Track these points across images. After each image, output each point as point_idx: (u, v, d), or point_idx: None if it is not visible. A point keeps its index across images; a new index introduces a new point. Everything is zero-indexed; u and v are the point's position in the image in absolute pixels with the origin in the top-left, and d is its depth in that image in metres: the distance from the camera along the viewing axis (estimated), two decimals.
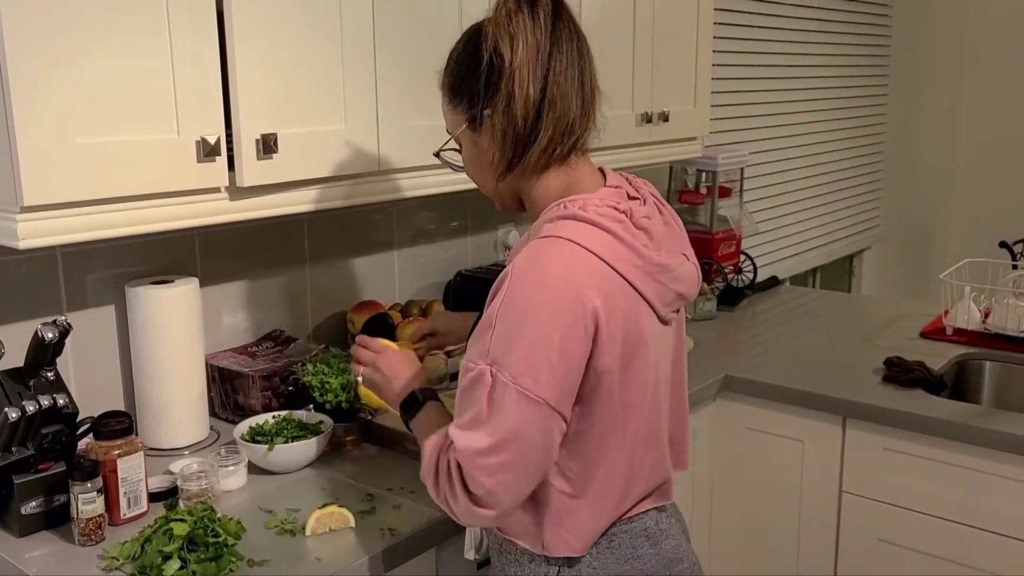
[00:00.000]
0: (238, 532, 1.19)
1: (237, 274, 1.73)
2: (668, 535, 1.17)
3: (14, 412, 1.17)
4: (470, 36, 1.11)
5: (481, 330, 1.02)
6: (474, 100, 1.09)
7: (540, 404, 0.98)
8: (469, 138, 1.13)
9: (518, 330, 0.98)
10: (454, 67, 1.12)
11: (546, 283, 0.99)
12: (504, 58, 1.04)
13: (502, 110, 1.05)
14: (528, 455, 1.01)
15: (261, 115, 1.30)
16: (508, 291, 1.00)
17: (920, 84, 3.93)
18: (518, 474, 1.01)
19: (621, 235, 1.04)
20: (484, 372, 0.99)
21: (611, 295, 1.01)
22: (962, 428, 1.66)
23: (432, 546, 1.28)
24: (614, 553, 1.12)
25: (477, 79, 1.07)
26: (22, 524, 1.22)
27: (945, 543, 1.72)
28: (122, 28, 1.14)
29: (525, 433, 0.99)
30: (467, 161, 1.17)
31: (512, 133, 1.06)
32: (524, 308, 0.98)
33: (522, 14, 1.04)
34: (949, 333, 2.13)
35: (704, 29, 2.21)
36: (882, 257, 4.17)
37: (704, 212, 2.56)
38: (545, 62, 1.04)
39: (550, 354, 0.98)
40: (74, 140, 1.11)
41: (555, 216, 1.05)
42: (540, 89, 1.04)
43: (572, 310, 0.98)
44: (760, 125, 3.15)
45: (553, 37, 1.05)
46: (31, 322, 1.42)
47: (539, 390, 0.98)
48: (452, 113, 1.14)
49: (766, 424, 1.91)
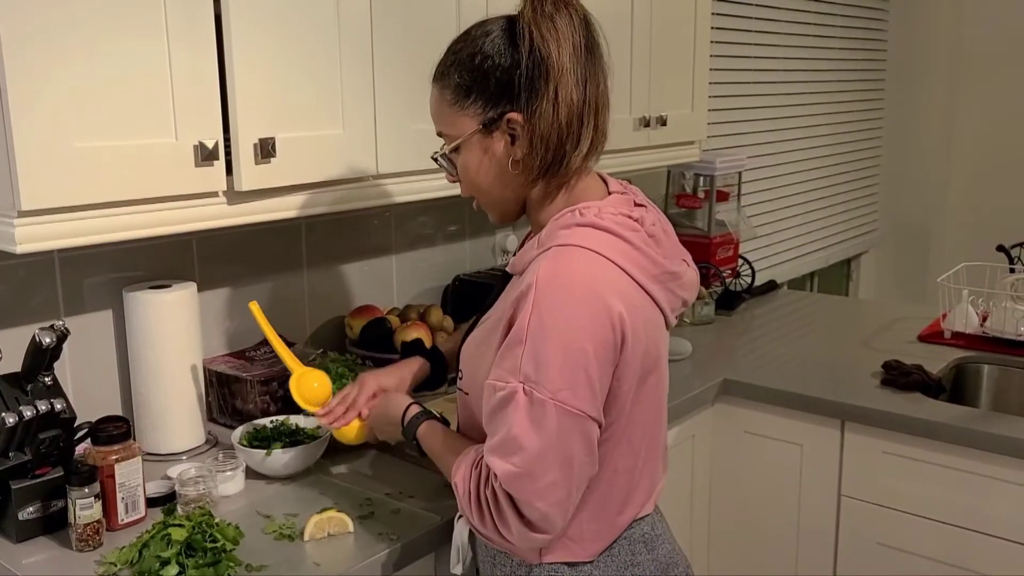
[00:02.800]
0: (236, 537, 1.18)
1: (235, 279, 1.73)
2: (663, 539, 1.16)
3: (11, 417, 1.16)
4: (499, 32, 1.04)
5: (510, 346, 0.98)
6: (494, 102, 1.04)
7: (580, 416, 0.97)
8: (478, 143, 1.07)
9: (551, 344, 0.96)
10: (472, 64, 1.04)
11: (574, 294, 0.97)
12: (550, 57, 1.00)
13: (543, 113, 1.01)
14: (574, 469, 0.99)
15: (259, 119, 1.30)
16: (536, 304, 0.97)
17: (916, 88, 3.94)
18: (568, 489, 1.00)
19: (637, 243, 1.04)
20: (516, 391, 0.96)
21: (633, 304, 1.01)
22: (960, 431, 1.66)
23: (431, 551, 1.28)
24: (614, 561, 1.11)
25: (509, 79, 1.02)
26: (19, 529, 1.21)
27: (944, 547, 1.71)
28: (120, 32, 1.14)
29: (569, 448, 0.97)
30: (470, 168, 1.09)
31: (555, 138, 1.02)
32: (555, 321, 0.96)
33: (560, 16, 1.01)
34: (947, 337, 2.13)
35: (702, 33, 2.22)
36: (879, 261, 4.18)
37: (702, 216, 2.56)
38: (584, 66, 1.02)
39: (586, 365, 0.96)
40: (72, 144, 1.11)
41: (571, 223, 1.03)
42: (582, 93, 1.02)
43: (602, 320, 0.97)
44: (757, 130, 3.15)
45: (589, 42, 1.04)
46: (28, 327, 1.42)
47: (578, 402, 0.96)
48: (457, 115, 1.07)
49: (765, 428, 1.91)
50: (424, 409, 1.22)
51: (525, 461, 0.96)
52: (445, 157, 1.12)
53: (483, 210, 1.15)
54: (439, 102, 1.10)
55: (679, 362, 2.03)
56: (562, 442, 0.96)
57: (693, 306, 2.35)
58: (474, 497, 1.03)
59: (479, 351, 1.10)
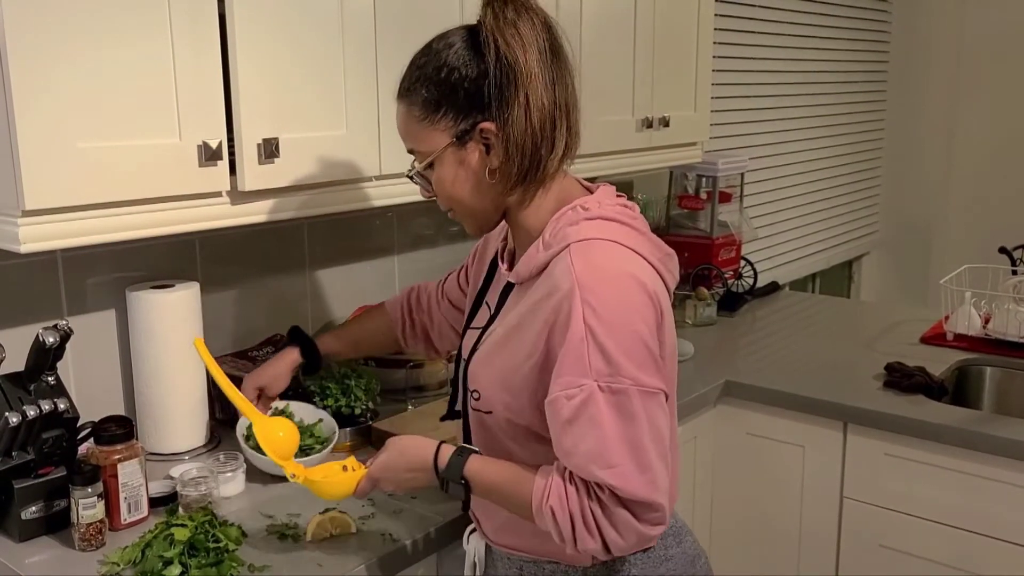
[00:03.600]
0: (239, 538, 1.19)
1: (237, 279, 1.73)
2: (686, 531, 1.18)
3: (15, 417, 1.16)
4: (462, 42, 1.03)
5: (571, 350, 0.96)
6: (465, 113, 1.02)
7: (659, 394, 0.99)
8: (452, 156, 1.04)
9: (613, 333, 0.96)
10: (438, 78, 1.02)
11: (617, 283, 0.99)
12: (517, 64, 0.99)
13: (515, 120, 1.00)
14: (666, 448, 1.00)
15: (263, 120, 1.30)
16: (585, 301, 0.96)
17: (918, 90, 3.94)
18: (667, 471, 1.00)
19: (641, 228, 1.08)
20: (593, 391, 0.95)
21: (657, 283, 1.04)
22: (963, 434, 1.66)
23: (433, 552, 1.28)
24: (649, 557, 1.11)
25: (478, 89, 1.01)
26: (22, 529, 1.21)
27: (946, 549, 1.71)
28: (124, 33, 1.14)
29: (658, 428, 0.98)
30: (446, 181, 1.06)
31: (530, 144, 1.01)
32: (609, 311, 0.97)
33: (523, 21, 1.01)
34: (949, 339, 2.13)
35: (704, 34, 2.22)
36: (881, 263, 4.18)
37: (704, 217, 2.56)
38: (551, 69, 1.02)
39: (648, 343, 0.98)
40: (75, 144, 1.11)
41: (578, 219, 1.04)
42: (552, 96, 1.02)
43: (644, 300, 1.00)
44: (759, 131, 3.15)
45: (554, 44, 1.04)
46: (31, 327, 1.42)
47: (652, 381, 0.98)
48: (428, 130, 1.04)
49: (767, 429, 1.91)
50: (460, 445, 1.10)
51: (630, 458, 0.95)
52: (420, 175, 1.09)
53: (459, 220, 1.12)
54: (407, 119, 1.07)
55: (681, 363, 2.02)
56: (652, 425, 0.97)
57: (695, 307, 2.35)
58: (579, 517, 0.97)
59: (502, 366, 1.06)
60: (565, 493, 0.98)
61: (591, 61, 1.87)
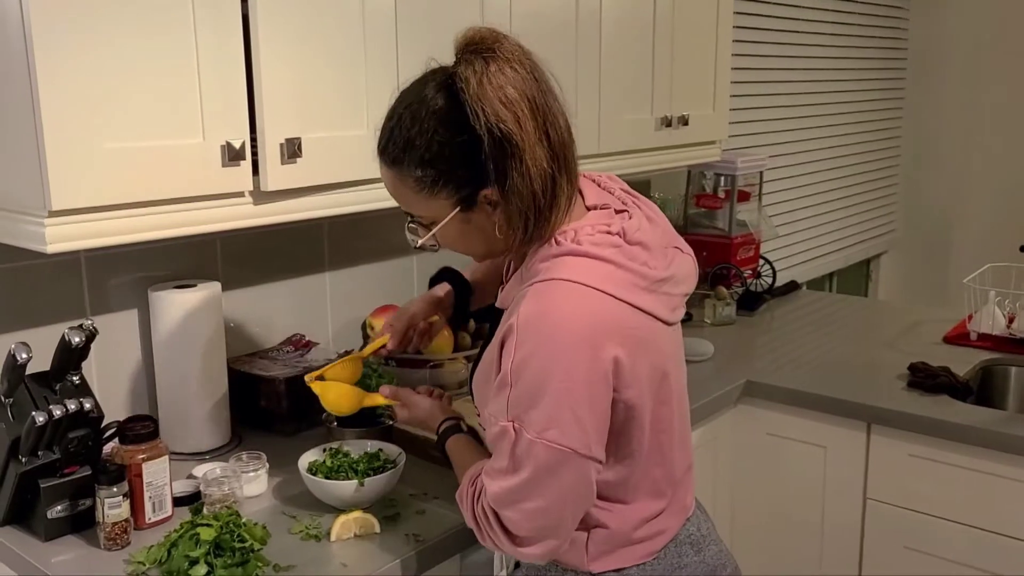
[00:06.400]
0: (264, 537, 1.18)
1: (258, 278, 1.73)
2: (710, 540, 1.16)
3: (41, 416, 1.17)
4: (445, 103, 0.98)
5: (500, 387, 1.00)
6: (465, 182, 0.99)
7: (568, 452, 0.97)
8: (458, 218, 1.03)
9: (538, 387, 0.96)
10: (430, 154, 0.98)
11: (559, 335, 0.95)
12: (512, 135, 0.95)
13: (515, 188, 0.97)
14: (563, 499, 1.00)
15: (285, 120, 1.30)
16: (519, 347, 0.96)
17: (936, 87, 3.90)
18: (557, 515, 1.02)
19: (620, 261, 1.01)
20: (507, 428, 0.99)
21: (625, 329, 0.99)
22: (988, 434, 1.64)
23: (456, 552, 1.28)
24: (660, 564, 1.11)
25: (475, 161, 0.97)
26: (48, 528, 1.22)
27: (971, 550, 1.69)
28: (149, 34, 1.14)
29: (556, 481, 0.99)
30: (454, 239, 1.07)
31: (533, 205, 0.99)
32: (540, 365, 0.96)
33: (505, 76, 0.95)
34: (973, 338, 2.11)
35: (724, 33, 2.20)
36: (899, 262, 4.14)
37: (723, 216, 2.55)
38: (544, 117, 0.98)
39: (574, 405, 0.96)
40: (101, 145, 1.11)
41: (548, 255, 1.01)
42: (548, 150, 0.98)
43: (589, 358, 0.96)
44: (776, 129, 3.14)
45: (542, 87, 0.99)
46: (54, 327, 1.43)
47: (567, 440, 0.97)
48: (427, 200, 1.02)
49: (788, 430, 1.90)
50: (455, 423, 1.26)
51: (512, 488, 1.00)
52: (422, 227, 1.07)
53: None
54: (399, 187, 1.04)
55: (701, 363, 2.02)
56: (551, 475, 0.98)
57: (714, 307, 2.34)
58: (469, 510, 1.08)
59: (480, 386, 1.10)
60: (467, 489, 1.10)
61: (611, 60, 1.86)
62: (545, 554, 1.04)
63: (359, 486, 1.27)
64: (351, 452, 1.37)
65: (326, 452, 1.37)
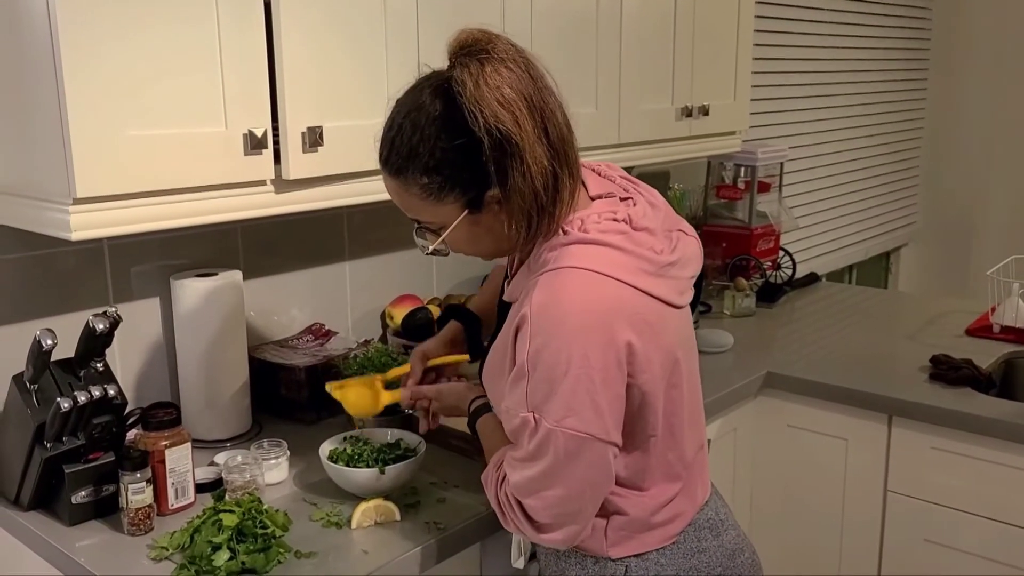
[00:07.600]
0: (286, 524, 1.19)
1: (278, 267, 1.74)
2: (728, 524, 1.17)
3: (66, 402, 1.18)
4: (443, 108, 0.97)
5: (516, 379, 1.01)
6: (470, 185, 1.00)
7: (587, 438, 0.98)
8: (467, 221, 1.03)
9: (554, 375, 0.97)
10: (434, 161, 0.99)
11: (572, 322, 0.96)
12: (512, 134, 0.95)
13: (517, 187, 0.97)
14: (583, 485, 1.01)
15: (307, 108, 1.30)
16: (533, 336, 0.97)
17: (959, 78, 3.86)
18: (578, 502, 1.03)
19: (628, 248, 1.02)
20: (528, 419, 1.00)
21: (637, 314, 1.00)
22: (1011, 427, 1.62)
23: (477, 540, 1.28)
24: (679, 548, 1.11)
25: (478, 163, 0.97)
26: (72, 513, 1.23)
27: (993, 544, 1.68)
28: (171, 22, 1.15)
29: (576, 468, 1.00)
30: (463, 242, 1.07)
31: (535, 203, 0.99)
32: (556, 353, 0.96)
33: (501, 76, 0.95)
34: (996, 331, 2.08)
35: (745, 22, 2.18)
36: (919, 254, 4.11)
37: (742, 207, 2.53)
38: (542, 113, 0.98)
39: (592, 391, 0.97)
40: (125, 133, 1.12)
41: (557, 244, 1.02)
42: (547, 147, 0.98)
43: (604, 343, 0.97)
44: (797, 120, 3.11)
45: (538, 84, 0.99)
46: (78, 314, 1.44)
47: (585, 426, 0.98)
48: (434, 207, 1.03)
49: (809, 422, 1.89)
50: (487, 402, 1.21)
51: (533, 477, 1.01)
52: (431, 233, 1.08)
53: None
54: (405, 195, 1.04)
55: (720, 354, 2.01)
56: (571, 462, 0.99)
57: (734, 298, 2.32)
58: (493, 494, 1.10)
59: (494, 380, 1.11)
60: (492, 475, 1.10)
61: (631, 49, 1.85)
62: (567, 540, 1.05)
63: (380, 474, 1.27)
64: (371, 440, 1.38)
65: (347, 440, 1.38)
